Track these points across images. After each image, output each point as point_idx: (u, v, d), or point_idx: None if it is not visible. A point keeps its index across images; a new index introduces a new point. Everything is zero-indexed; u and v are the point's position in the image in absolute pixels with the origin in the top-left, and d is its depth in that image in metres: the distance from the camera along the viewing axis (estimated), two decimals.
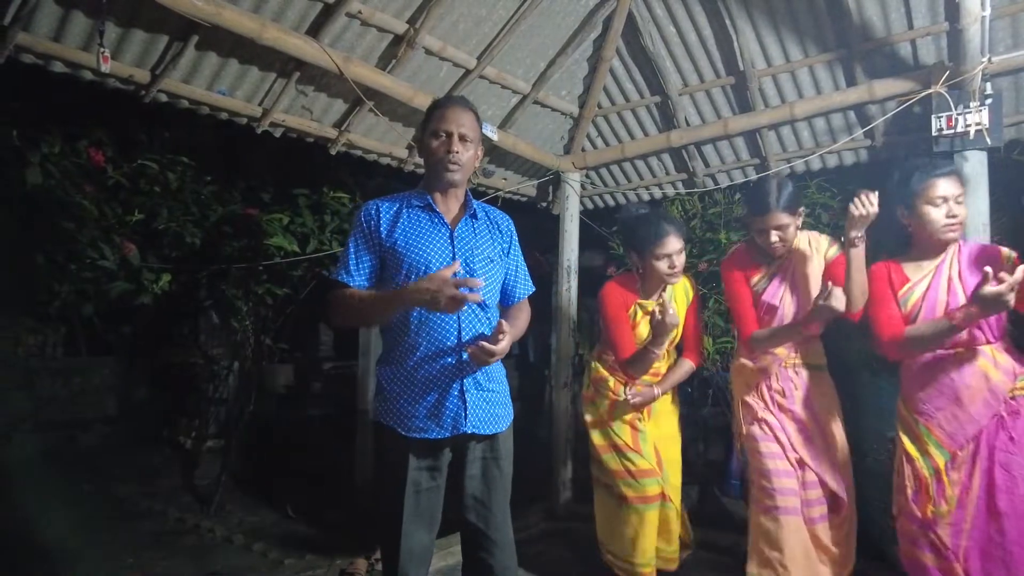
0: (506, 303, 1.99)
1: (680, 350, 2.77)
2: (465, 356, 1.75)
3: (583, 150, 3.96)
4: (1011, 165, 2.95)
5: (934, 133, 2.61)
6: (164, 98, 2.58)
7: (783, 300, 2.41)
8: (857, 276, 2.16)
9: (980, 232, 2.52)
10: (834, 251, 2.42)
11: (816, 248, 2.44)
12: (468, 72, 3.12)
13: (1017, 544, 1.85)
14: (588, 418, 2.82)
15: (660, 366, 2.69)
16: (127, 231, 3.52)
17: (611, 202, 4.26)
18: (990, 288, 1.78)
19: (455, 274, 1.64)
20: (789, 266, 2.43)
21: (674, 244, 2.53)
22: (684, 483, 2.84)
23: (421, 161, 2.18)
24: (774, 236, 2.34)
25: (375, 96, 2.91)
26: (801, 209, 2.42)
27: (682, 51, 3.33)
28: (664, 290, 2.67)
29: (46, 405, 4.60)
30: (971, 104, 2.54)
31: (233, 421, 4.38)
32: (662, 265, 2.54)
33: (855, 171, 3.39)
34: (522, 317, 1.97)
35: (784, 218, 2.31)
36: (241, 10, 2.33)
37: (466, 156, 1.83)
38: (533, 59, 3.32)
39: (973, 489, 1.93)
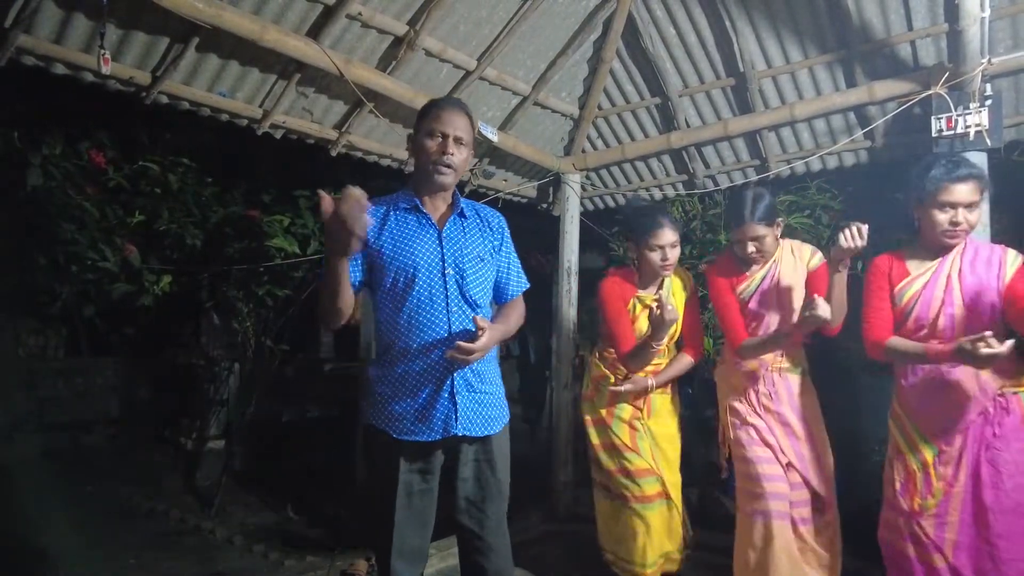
0: (499, 300, 1.97)
1: (679, 346, 2.77)
2: None
3: (583, 151, 3.96)
4: (1011, 166, 2.95)
5: (934, 134, 2.62)
6: (165, 100, 2.58)
7: (768, 308, 2.46)
8: (838, 297, 2.20)
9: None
10: (816, 261, 2.45)
11: (799, 257, 2.48)
12: (468, 74, 3.12)
13: (1003, 537, 1.87)
14: (587, 417, 2.82)
15: (661, 361, 2.69)
16: (128, 232, 3.53)
17: (611, 203, 4.26)
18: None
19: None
20: (774, 275, 2.45)
21: (668, 236, 2.55)
22: (685, 484, 2.83)
23: None
24: (751, 247, 2.38)
25: (375, 98, 2.92)
26: (779, 220, 2.45)
27: (682, 52, 3.33)
28: (662, 285, 2.69)
29: (48, 406, 4.62)
30: (971, 105, 2.54)
31: (234, 422, 4.39)
32: (655, 257, 2.57)
33: (855, 172, 3.39)
34: (515, 314, 1.95)
35: (760, 229, 2.35)
36: (242, 12, 2.33)
37: (459, 159, 1.82)
38: (533, 61, 3.33)
39: (959, 483, 1.96)
